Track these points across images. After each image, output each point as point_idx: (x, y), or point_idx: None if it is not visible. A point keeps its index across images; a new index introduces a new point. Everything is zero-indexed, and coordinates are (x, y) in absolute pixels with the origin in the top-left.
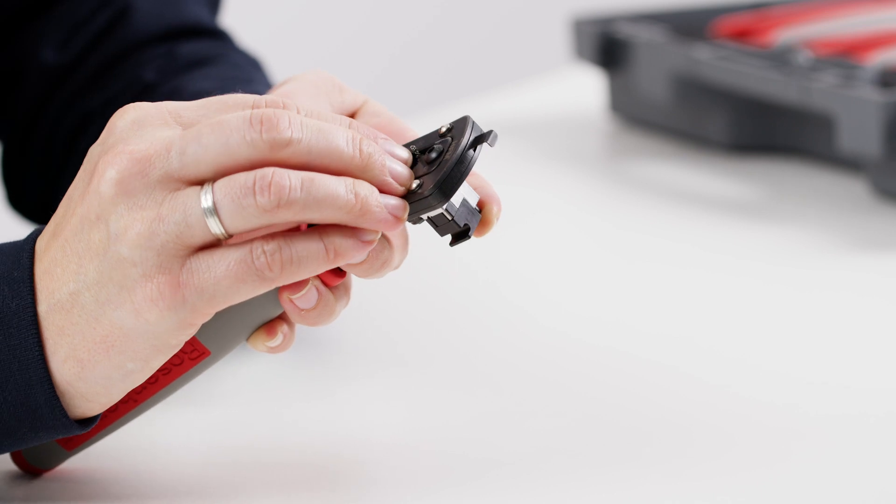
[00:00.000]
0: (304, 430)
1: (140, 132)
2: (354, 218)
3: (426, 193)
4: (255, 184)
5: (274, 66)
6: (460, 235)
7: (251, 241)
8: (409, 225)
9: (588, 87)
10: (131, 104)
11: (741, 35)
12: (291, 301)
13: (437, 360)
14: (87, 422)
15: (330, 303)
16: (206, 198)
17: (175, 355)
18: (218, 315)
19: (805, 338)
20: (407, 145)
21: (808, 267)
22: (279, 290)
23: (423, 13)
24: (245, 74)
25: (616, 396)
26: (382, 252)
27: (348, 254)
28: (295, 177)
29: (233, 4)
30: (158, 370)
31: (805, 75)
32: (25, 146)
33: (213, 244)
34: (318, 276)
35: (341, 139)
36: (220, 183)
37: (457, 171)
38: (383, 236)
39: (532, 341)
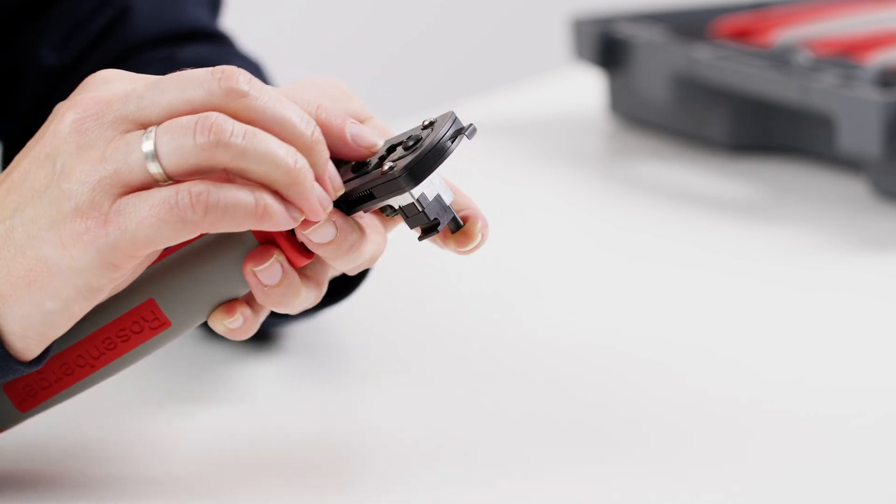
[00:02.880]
0: (306, 432)
1: (106, 85)
2: (288, 183)
3: (396, 174)
4: (196, 124)
5: (274, 66)
6: (429, 229)
7: (181, 182)
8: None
9: (588, 87)
10: (103, 70)
11: (741, 35)
12: (254, 274)
13: (438, 361)
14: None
15: (294, 283)
16: (147, 138)
17: (135, 322)
18: (182, 286)
19: (805, 338)
20: (391, 140)
21: (808, 267)
22: (244, 261)
23: (422, 13)
24: None
25: (616, 396)
26: (351, 234)
27: (275, 219)
28: (239, 125)
29: (233, 5)
30: (116, 336)
31: (805, 75)
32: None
33: (151, 186)
34: (284, 253)
35: (295, 113)
36: (163, 125)
37: (430, 157)
38: (353, 218)
39: (532, 341)
